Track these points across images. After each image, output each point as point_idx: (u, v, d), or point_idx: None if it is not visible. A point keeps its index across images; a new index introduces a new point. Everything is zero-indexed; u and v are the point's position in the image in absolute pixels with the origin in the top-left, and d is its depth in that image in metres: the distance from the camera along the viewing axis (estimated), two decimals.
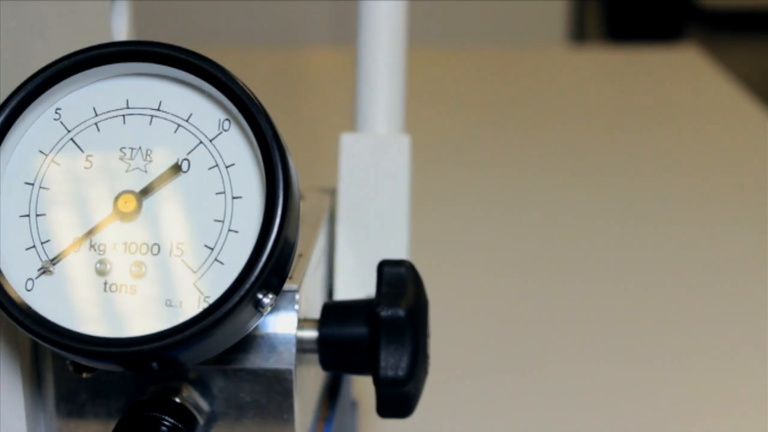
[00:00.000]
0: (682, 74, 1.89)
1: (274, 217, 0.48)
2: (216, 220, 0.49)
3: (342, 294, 0.67)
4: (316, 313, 0.59)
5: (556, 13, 2.97)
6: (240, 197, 0.49)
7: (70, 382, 0.56)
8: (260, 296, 0.48)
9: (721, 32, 3.58)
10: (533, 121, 1.67)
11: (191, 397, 0.55)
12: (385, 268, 0.57)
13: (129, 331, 0.48)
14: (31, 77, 0.49)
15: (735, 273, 1.18)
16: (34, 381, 0.56)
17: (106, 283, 0.49)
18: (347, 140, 0.69)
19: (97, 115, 0.50)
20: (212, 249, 0.49)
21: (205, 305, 0.48)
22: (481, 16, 2.82)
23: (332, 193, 0.70)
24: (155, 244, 0.49)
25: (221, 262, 0.49)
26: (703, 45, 2.13)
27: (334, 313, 0.57)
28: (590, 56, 2.21)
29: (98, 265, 0.49)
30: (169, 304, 0.49)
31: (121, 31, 0.69)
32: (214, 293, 0.48)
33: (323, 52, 2.25)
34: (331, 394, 0.68)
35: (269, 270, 0.48)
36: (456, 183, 1.43)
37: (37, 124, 0.50)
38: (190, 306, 0.49)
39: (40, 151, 0.50)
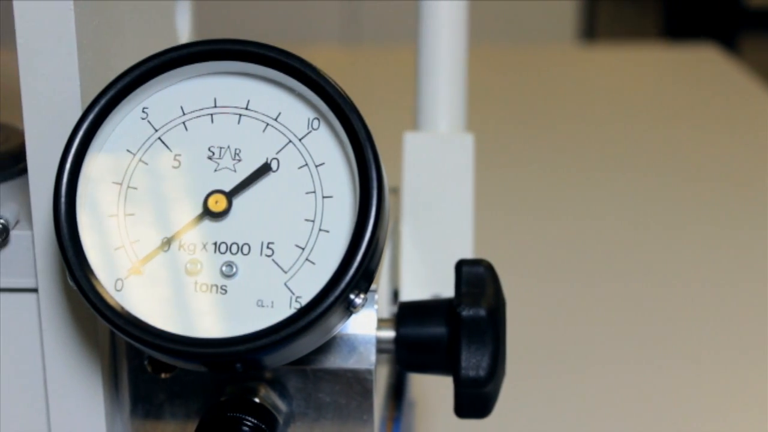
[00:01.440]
0: (701, 72, 1.89)
1: (368, 218, 0.47)
2: (306, 220, 0.49)
3: (408, 294, 0.67)
4: (381, 312, 0.59)
5: (566, 11, 2.97)
6: (330, 196, 0.49)
7: (148, 382, 0.56)
8: (352, 296, 0.48)
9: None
10: (544, 118, 1.67)
11: (269, 397, 0.55)
12: (463, 267, 0.56)
13: (220, 331, 0.48)
14: (120, 76, 0.49)
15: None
16: (111, 382, 0.55)
17: (196, 283, 0.49)
18: (411, 138, 0.69)
19: (184, 114, 0.50)
20: (303, 249, 0.49)
21: (297, 305, 0.48)
22: (492, 15, 2.82)
23: (393, 191, 0.70)
24: (245, 243, 0.49)
25: (312, 262, 0.49)
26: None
27: (412, 312, 0.57)
28: (601, 54, 2.21)
29: (188, 265, 0.49)
30: (260, 304, 0.48)
31: (184, 30, 0.68)
32: (306, 293, 0.48)
33: (333, 51, 2.24)
34: (396, 394, 0.68)
35: (363, 271, 0.47)
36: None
37: (124, 124, 0.50)
38: (282, 306, 0.48)
39: (128, 151, 0.50)
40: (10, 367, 0.55)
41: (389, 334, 0.56)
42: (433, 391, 0.83)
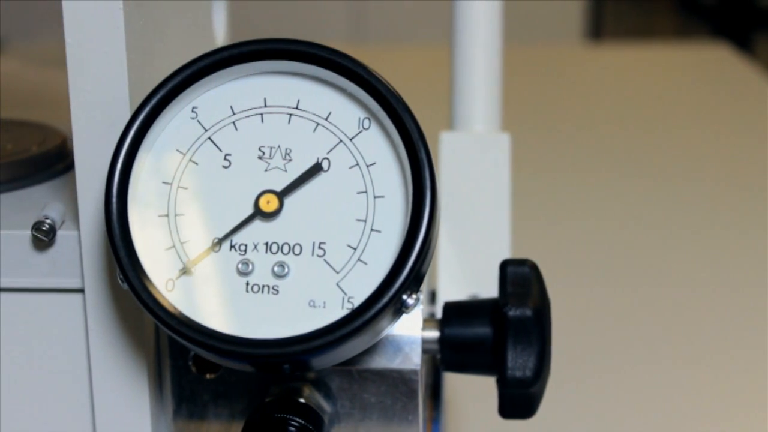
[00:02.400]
0: (713, 72, 1.89)
1: (421, 218, 0.47)
2: (358, 220, 0.49)
3: (445, 293, 0.67)
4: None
5: (573, 11, 2.97)
6: (382, 196, 0.49)
7: (192, 383, 0.55)
8: (404, 297, 0.48)
9: None
10: (550, 117, 1.67)
11: (314, 397, 0.55)
12: (508, 267, 0.56)
13: (272, 332, 0.48)
14: (171, 76, 0.49)
15: None
16: (156, 382, 0.55)
17: (248, 284, 0.49)
18: (447, 138, 0.69)
19: (234, 113, 0.50)
20: (355, 249, 0.49)
21: (349, 306, 0.48)
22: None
23: None
24: (297, 243, 0.49)
25: (364, 262, 0.48)
26: None
27: (457, 312, 0.57)
28: (608, 54, 2.21)
29: (240, 266, 0.49)
30: (312, 304, 0.48)
31: (220, 30, 0.68)
32: (358, 294, 0.48)
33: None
34: (434, 394, 0.68)
35: (416, 271, 0.47)
36: None
37: (173, 124, 0.50)
38: (334, 307, 0.48)
39: (178, 151, 0.50)
40: (55, 367, 0.55)
41: (433, 334, 0.56)
42: (465, 391, 0.83)
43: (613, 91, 1.84)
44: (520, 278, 0.56)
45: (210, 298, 0.48)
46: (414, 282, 0.48)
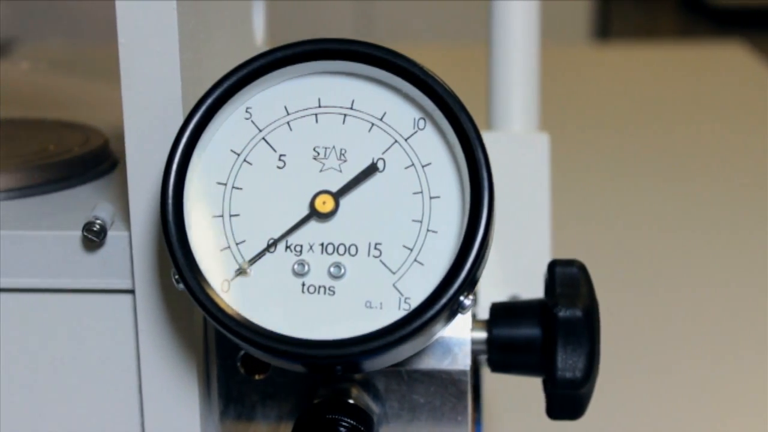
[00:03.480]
0: (727, 71, 1.89)
1: (479, 219, 0.47)
2: (414, 221, 0.49)
3: (486, 294, 0.67)
4: None
5: (580, 11, 2.97)
6: (438, 197, 0.49)
7: (240, 383, 0.55)
8: (461, 298, 0.48)
9: None
10: (556, 117, 1.66)
11: (362, 398, 0.55)
12: (556, 268, 0.56)
13: (328, 332, 0.47)
14: (226, 76, 0.49)
15: None
16: (205, 383, 0.55)
17: (303, 285, 0.48)
18: (486, 138, 0.68)
19: (288, 114, 0.50)
20: (411, 249, 0.48)
21: (406, 307, 0.48)
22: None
23: None
24: (353, 244, 0.49)
25: (420, 263, 0.48)
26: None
27: (505, 313, 0.57)
28: (615, 54, 2.20)
29: (296, 267, 0.48)
30: (368, 305, 0.48)
31: (259, 30, 0.68)
32: (415, 294, 0.48)
33: None
34: (475, 394, 0.68)
35: (474, 272, 0.47)
36: None
37: (227, 124, 0.50)
38: (391, 307, 0.48)
39: (232, 151, 0.50)
40: (104, 368, 0.55)
41: (481, 335, 0.56)
42: (500, 391, 0.83)
43: (623, 90, 1.84)
44: (569, 278, 0.56)
45: (266, 299, 0.48)
46: (471, 283, 0.47)
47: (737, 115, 1.68)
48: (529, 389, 0.69)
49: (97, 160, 0.61)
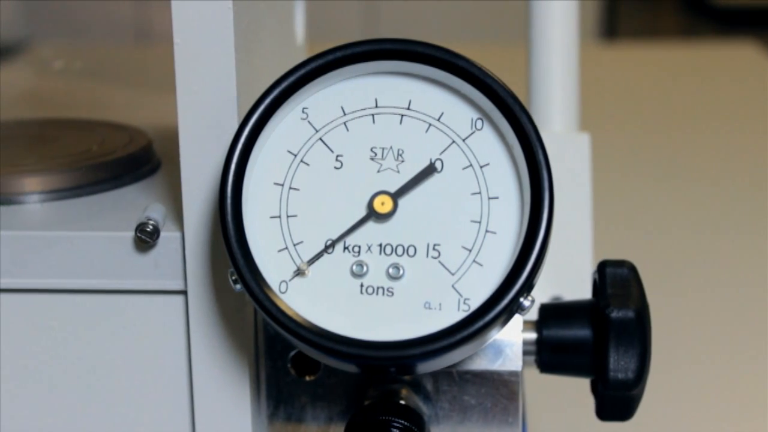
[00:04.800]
0: (738, 71, 1.89)
1: (540, 220, 0.47)
2: (473, 221, 0.48)
3: None
4: None
5: (587, 10, 2.97)
6: (496, 198, 0.49)
7: (291, 385, 0.55)
8: (521, 299, 0.47)
9: None
10: None
11: (412, 399, 0.55)
12: (607, 268, 0.56)
13: (387, 334, 0.47)
14: (283, 77, 0.49)
15: None
16: (255, 384, 0.55)
17: (362, 285, 0.48)
18: None
19: (345, 114, 0.50)
20: (470, 250, 0.48)
21: (465, 308, 0.48)
22: (511, 14, 2.82)
23: None
24: (411, 245, 0.48)
25: (479, 264, 0.48)
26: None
27: (554, 314, 0.56)
28: (623, 53, 2.20)
29: (354, 267, 0.48)
30: (427, 306, 0.48)
31: (300, 29, 0.68)
32: (474, 295, 0.48)
33: None
34: None
35: (535, 273, 0.47)
36: None
37: (284, 124, 0.50)
38: (450, 308, 0.48)
39: (289, 152, 0.49)
40: (155, 369, 0.54)
41: (531, 335, 0.56)
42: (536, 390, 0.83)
43: (630, 90, 1.84)
44: (620, 279, 0.56)
45: (324, 300, 0.48)
46: (530, 284, 0.47)
47: (753, 115, 1.68)
48: (564, 389, 0.69)
49: (141, 160, 0.61)
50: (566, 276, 0.67)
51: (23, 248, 0.53)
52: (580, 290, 0.66)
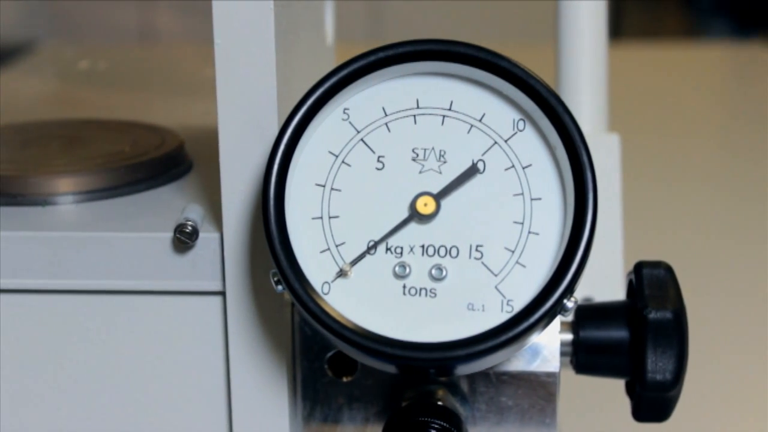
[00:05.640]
0: (749, 72, 1.88)
1: (584, 221, 0.47)
2: (515, 222, 0.48)
3: None
4: None
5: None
6: (539, 199, 0.48)
7: (327, 386, 0.55)
8: (565, 300, 0.47)
9: None
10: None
11: (449, 400, 0.55)
12: (644, 269, 0.56)
13: (430, 335, 0.47)
14: (326, 77, 0.48)
15: None
16: (293, 385, 0.55)
17: (404, 287, 0.48)
18: None
19: (386, 115, 0.50)
20: (513, 251, 0.48)
21: (509, 309, 0.48)
22: (517, 14, 2.82)
23: None
24: (454, 246, 0.48)
25: (523, 265, 0.48)
26: None
27: (591, 315, 0.56)
28: (629, 53, 2.20)
29: (397, 269, 0.48)
30: (471, 307, 0.48)
31: (330, 29, 0.68)
32: (517, 296, 0.48)
33: (357, 50, 2.21)
34: None
35: (580, 274, 0.47)
36: None
37: (325, 125, 0.49)
38: (493, 310, 0.48)
39: (330, 152, 0.49)
40: (192, 370, 0.54)
41: (568, 336, 0.56)
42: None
43: (638, 91, 1.83)
44: (657, 280, 0.56)
45: (366, 301, 0.48)
46: (576, 285, 0.47)
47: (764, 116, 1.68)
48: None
49: (174, 161, 0.61)
50: (597, 277, 0.67)
51: (61, 249, 0.53)
52: (611, 291, 0.66)
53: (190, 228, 0.52)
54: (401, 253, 0.48)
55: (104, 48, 1.94)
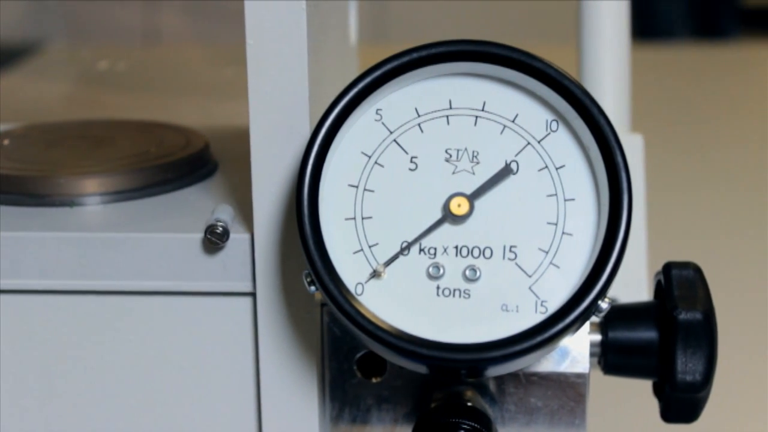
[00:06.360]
0: (757, 74, 1.88)
1: (619, 222, 0.47)
2: (549, 223, 0.48)
3: None
4: None
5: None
6: (572, 199, 0.48)
7: (356, 387, 0.55)
8: (599, 301, 0.47)
9: None
10: None
11: (478, 401, 0.54)
12: (673, 270, 0.56)
13: (465, 336, 0.47)
14: (359, 78, 0.48)
15: None
16: (321, 386, 0.55)
17: (438, 288, 0.48)
18: None
19: (419, 115, 0.49)
20: (546, 252, 0.48)
21: (543, 310, 0.47)
22: (520, 14, 2.82)
23: None
24: (487, 247, 0.48)
25: (556, 266, 0.48)
26: None
27: (619, 315, 0.56)
28: (634, 53, 2.19)
29: (430, 269, 0.48)
30: (505, 308, 0.48)
31: (353, 29, 0.68)
32: (551, 297, 0.48)
33: (360, 50, 2.21)
34: None
35: (614, 275, 0.47)
36: None
37: (357, 126, 0.49)
38: (527, 311, 0.48)
39: (363, 153, 0.49)
40: (222, 371, 0.54)
41: (596, 337, 0.56)
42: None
43: (640, 89, 1.83)
44: (686, 281, 0.55)
45: (400, 301, 0.48)
46: (610, 286, 0.47)
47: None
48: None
49: (200, 162, 0.61)
50: (621, 278, 0.66)
51: (91, 250, 0.53)
52: (635, 292, 0.66)
53: (220, 229, 0.52)
54: (435, 254, 0.48)
55: (109, 49, 1.94)
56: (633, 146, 0.68)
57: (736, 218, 1.32)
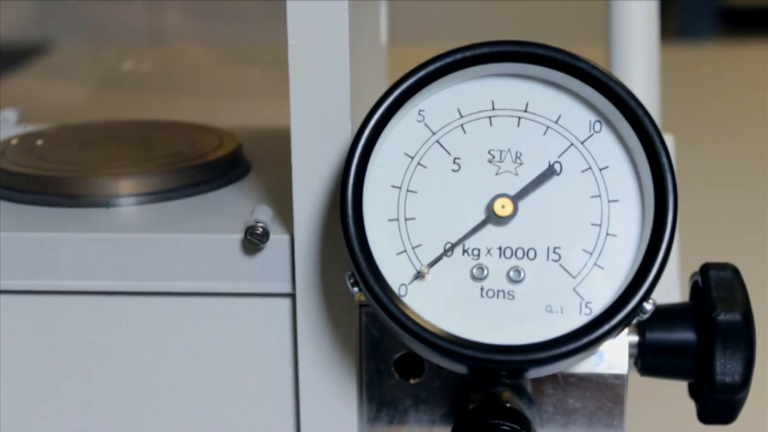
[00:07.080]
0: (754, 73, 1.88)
1: (665, 223, 0.47)
2: (593, 224, 0.48)
3: None
4: None
5: (598, 10, 2.96)
6: (616, 200, 0.48)
7: (394, 388, 0.55)
8: (644, 303, 0.47)
9: None
10: None
11: (516, 402, 0.54)
12: (710, 271, 0.56)
13: (510, 337, 0.47)
14: (402, 79, 0.48)
15: None
16: (359, 387, 0.54)
17: (482, 289, 0.48)
18: None
19: (462, 116, 0.49)
20: (591, 253, 0.48)
21: (587, 311, 0.47)
22: (523, 15, 2.81)
23: None
24: (531, 248, 0.48)
25: (601, 267, 0.48)
26: None
27: (657, 317, 0.56)
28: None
29: (474, 271, 0.48)
30: (549, 310, 0.48)
31: (384, 29, 0.68)
32: (596, 299, 0.48)
33: None
34: None
35: (659, 277, 0.47)
36: None
37: (400, 127, 0.49)
38: (571, 312, 0.48)
39: (405, 154, 0.49)
40: (261, 372, 0.54)
41: (634, 338, 0.56)
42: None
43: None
44: (724, 282, 0.55)
45: (444, 303, 0.48)
46: (654, 287, 0.47)
47: None
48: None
49: (234, 163, 0.61)
50: None
51: (129, 251, 0.53)
52: (668, 293, 0.66)
53: (260, 230, 0.51)
54: (478, 255, 0.48)
55: (118, 49, 1.94)
56: None
57: (764, 218, 1.32)
